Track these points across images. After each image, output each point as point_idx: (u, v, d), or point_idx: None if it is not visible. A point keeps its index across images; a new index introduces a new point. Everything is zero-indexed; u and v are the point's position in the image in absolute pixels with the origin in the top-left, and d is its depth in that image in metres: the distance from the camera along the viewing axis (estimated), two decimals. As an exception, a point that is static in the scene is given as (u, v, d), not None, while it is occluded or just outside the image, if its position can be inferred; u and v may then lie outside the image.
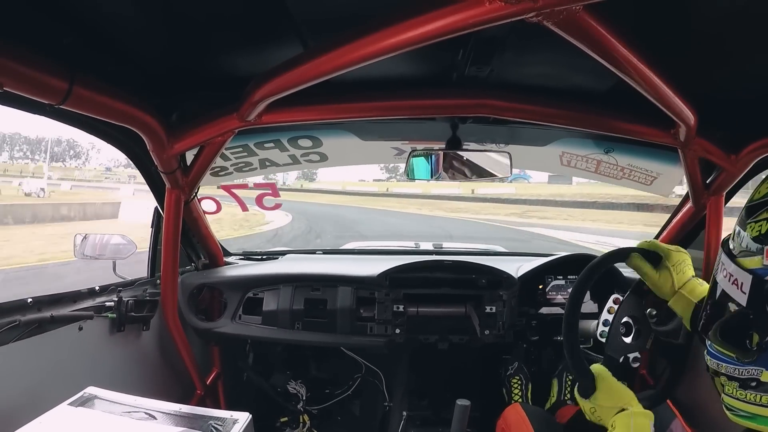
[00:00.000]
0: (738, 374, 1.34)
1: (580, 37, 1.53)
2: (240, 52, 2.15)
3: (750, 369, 1.30)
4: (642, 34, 1.67)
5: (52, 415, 1.98)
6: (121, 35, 1.94)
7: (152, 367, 3.31)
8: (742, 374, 1.33)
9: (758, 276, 1.29)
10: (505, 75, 2.31)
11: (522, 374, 3.91)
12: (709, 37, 1.78)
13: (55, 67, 1.72)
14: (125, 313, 2.89)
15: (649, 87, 1.89)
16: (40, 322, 2.35)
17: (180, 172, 2.81)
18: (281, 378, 4.21)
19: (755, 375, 1.29)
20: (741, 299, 1.34)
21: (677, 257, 2.21)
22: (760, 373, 1.27)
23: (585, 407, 2.14)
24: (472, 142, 3.16)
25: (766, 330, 1.27)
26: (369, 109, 2.51)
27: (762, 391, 1.28)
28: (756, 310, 1.30)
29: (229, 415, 2.12)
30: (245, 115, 2.37)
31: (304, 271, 3.80)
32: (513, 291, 3.67)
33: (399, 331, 3.55)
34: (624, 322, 2.39)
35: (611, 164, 3.55)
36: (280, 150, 3.37)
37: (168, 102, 2.52)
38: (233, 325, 3.65)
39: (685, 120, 2.27)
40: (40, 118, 2.56)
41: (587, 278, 2.27)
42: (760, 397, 1.29)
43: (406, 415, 3.92)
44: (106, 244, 3.21)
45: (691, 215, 3.32)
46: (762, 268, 1.29)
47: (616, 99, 2.39)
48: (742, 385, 1.34)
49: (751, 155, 2.67)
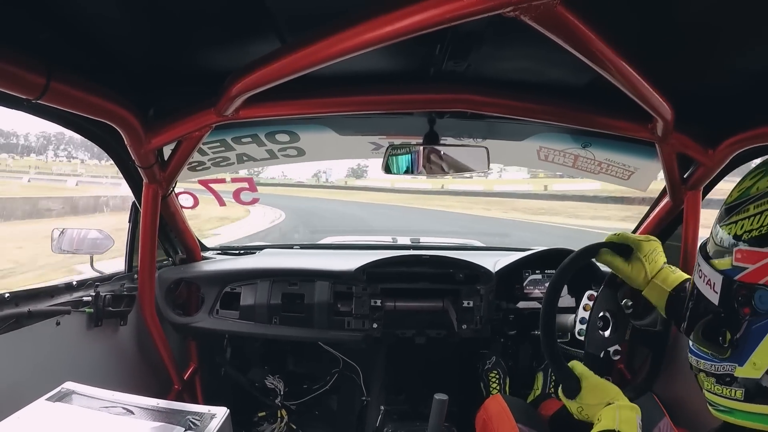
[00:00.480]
0: (714, 370, 1.38)
1: (557, 32, 1.53)
2: (218, 47, 2.14)
3: (725, 365, 1.34)
4: (619, 29, 1.68)
5: (30, 411, 1.98)
6: (98, 30, 1.93)
7: (130, 362, 3.30)
8: (718, 370, 1.37)
9: (728, 276, 1.33)
10: (482, 70, 2.32)
11: (500, 368, 3.92)
12: (687, 31, 1.80)
13: (32, 62, 1.71)
14: (102, 308, 2.88)
15: (626, 82, 1.90)
16: (18, 317, 2.34)
17: (157, 166, 2.80)
18: (259, 373, 4.20)
19: (729, 371, 1.32)
20: (714, 299, 1.38)
21: (648, 247, 2.24)
22: (733, 369, 1.31)
23: (572, 407, 2.15)
24: (450, 137, 3.17)
25: (736, 328, 1.31)
26: (346, 103, 2.51)
27: (736, 386, 1.31)
28: (727, 309, 1.34)
29: (207, 410, 2.13)
30: (222, 110, 2.37)
31: (281, 266, 3.80)
32: (490, 285, 3.68)
33: (376, 326, 3.56)
34: (601, 316, 2.41)
35: (589, 159, 3.57)
36: (257, 145, 3.37)
37: (145, 97, 2.51)
38: (210, 320, 3.64)
39: (662, 115, 2.29)
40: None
41: (559, 280, 2.29)
42: (735, 392, 1.32)
43: (383, 410, 3.92)
44: (84, 239, 3.20)
45: (669, 209, 3.34)
46: (731, 269, 1.33)
47: (594, 94, 2.40)
48: (718, 380, 1.37)
49: (728, 150, 2.69)
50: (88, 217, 30.36)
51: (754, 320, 1.27)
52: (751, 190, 1.34)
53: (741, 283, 1.30)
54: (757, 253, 1.26)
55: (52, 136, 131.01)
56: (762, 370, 1.25)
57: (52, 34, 1.80)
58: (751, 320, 1.27)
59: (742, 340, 1.29)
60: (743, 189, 1.37)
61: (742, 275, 1.30)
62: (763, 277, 1.25)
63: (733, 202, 1.38)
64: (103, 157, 21.92)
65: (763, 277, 1.25)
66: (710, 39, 1.84)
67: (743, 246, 1.31)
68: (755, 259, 1.27)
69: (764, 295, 1.23)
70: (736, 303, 1.31)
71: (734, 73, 2.15)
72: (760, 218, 1.27)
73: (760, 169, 1.36)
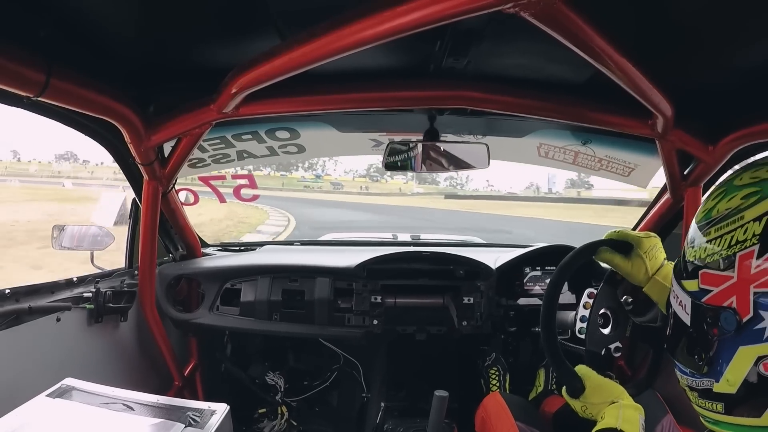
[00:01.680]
0: (696, 385, 1.40)
1: (557, 29, 1.53)
2: (217, 43, 2.14)
3: (704, 381, 1.36)
4: (619, 25, 1.68)
5: (30, 407, 1.98)
6: (98, 27, 1.93)
7: (130, 358, 3.30)
8: (698, 386, 1.39)
9: (696, 298, 1.35)
10: (482, 66, 2.32)
11: (500, 365, 3.93)
12: (686, 28, 1.80)
13: (32, 59, 1.72)
14: (103, 304, 2.88)
15: (626, 78, 1.90)
16: (18, 313, 2.35)
17: (158, 163, 2.81)
18: (259, 369, 4.21)
19: (708, 386, 1.34)
20: (686, 319, 1.40)
21: (648, 243, 2.23)
22: (711, 384, 1.33)
23: (576, 406, 2.14)
24: (450, 134, 3.18)
25: (708, 347, 1.33)
26: (347, 100, 2.52)
27: (716, 400, 1.34)
28: (697, 329, 1.36)
29: (207, 406, 2.13)
30: (223, 107, 2.38)
31: (281, 262, 3.81)
32: (491, 282, 3.68)
33: (377, 322, 3.56)
34: (601, 314, 2.41)
35: (589, 155, 3.57)
36: (257, 142, 3.38)
37: (145, 93, 2.51)
38: (211, 316, 3.65)
39: (662, 111, 2.29)
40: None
41: (560, 277, 2.29)
42: (716, 405, 1.34)
43: (384, 406, 3.93)
44: (84, 235, 3.21)
45: (669, 206, 3.34)
46: (698, 291, 1.35)
47: (594, 90, 2.40)
48: (701, 395, 1.40)
49: (728, 146, 2.68)
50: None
51: (722, 340, 1.28)
52: (712, 212, 1.35)
53: (706, 305, 1.32)
54: (719, 276, 1.28)
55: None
56: (736, 385, 1.27)
57: (51, 30, 1.80)
58: (720, 340, 1.29)
59: (714, 359, 1.31)
60: (706, 210, 1.38)
61: (708, 298, 1.31)
62: (726, 299, 1.26)
63: (698, 224, 1.40)
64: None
65: (726, 300, 1.26)
66: (710, 35, 1.84)
67: (706, 270, 1.33)
68: (718, 282, 1.28)
69: (729, 317, 1.25)
70: (705, 324, 1.33)
71: (734, 69, 2.15)
72: (721, 241, 1.28)
73: (721, 189, 1.36)
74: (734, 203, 1.28)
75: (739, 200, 1.27)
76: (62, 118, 2.47)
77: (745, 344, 1.24)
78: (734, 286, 1.25)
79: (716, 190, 1.38)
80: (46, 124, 4.41)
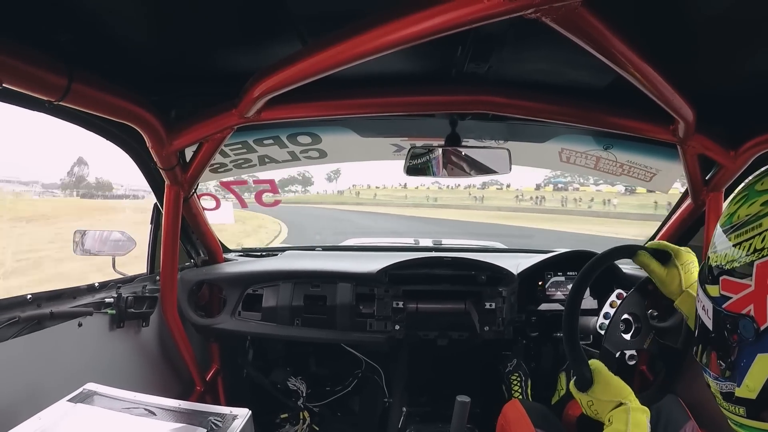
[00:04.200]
0: (720, 388, 1.40)
1: (578, 34, 1.53)
2: (238, 48, 2.15)
3: (727, 384, 1.35)
4: (640, 30, 1.67)
5: (52, 411, 1.98)
6: (119, 32, 1.94)
7: (152, 363, 3.31)
8: (722, 389, 1.38)
9: (718, 303, 1.34)
10: (503, 71, 2.32)
11: (521, 371, 3.91)
12: (708, 32, 1.78)
13: (54, 63, 1.73)
14: (125, 310, 2.89)
15: (647, 83, 1.89)
16: (40, 318, 2.35)
17: (179, 168, 2.82)
18: (281, 374, 4.20)
19: (731, 389, 1.34)
20: (708, 324, 1.40)
21: (687, 257, 2.21)
22: (733, 388, 1.33)
23: (582, 401, 2.14)
24: (471, 139, 3.18)
25: (729, 353, 1.32)
26: (368, 105, 2.51)
27: (739, 404, 1.33)
28: (718, 334, 1.35)
29: (229, 411, 2.13)
30: (244, 112, 2.38)
31: (303, 268, 3.80)
32: (512, 287, 3.66)
33: (398, 328, 3.55)
34: (624, 318, 2.39)
35: (611, 161, 3.56)
36: (279, 147, 3.39)
37: (167, 98, 2.52)
38: (233, 322, 3.65)
39: (683, 116, 2.28)
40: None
41: (592, 269, 2.26)
42: (738, 409, 1.34)
43: (405, 411, 3.92)
44: (106, 240, 3.21)
45: (691, 211, 3.32)
46: (719, 297, 1.34)
47: (615, 95, 2.39)
48: (724, 397, 1.39)
49: (750, 151, 2.67)
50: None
51: (742, 347, 1.27)
52: (733, 217, 1.33)
53: (726, 312, 1.31)
54: (738, 284, 1.27)
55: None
56: (755, 391, 1.26)
57: (72, 36, 1.81)
58: (739, 346, 1.28)
59: (735, 364, 1.30)
60: (727, 215, 1.37)
61: (728, 304, 1.31)
62: (745, 307, 1.25)
63: (722, 227, 1.39)
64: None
65: (745, 307, 1.25)
66: (731, 40, 1.83)
67: (726, 276, 1.32)
68: (737, 290, 1.27)
69: (747, 325, 1.24)
70: (726, 330, 1.32)
71: (756, 75, 2.13)
72: (740, 248, 1.27)
73: (743, 193, 1.35)
74: (754, 209, 1.27)
75: (759, 206, 1.26)
76: (83, 122, 2.48)
77: (763, 352, 1.23)
78: (752, 295, 1.24)
79: (738, 194, 1.37)
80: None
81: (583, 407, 2.14)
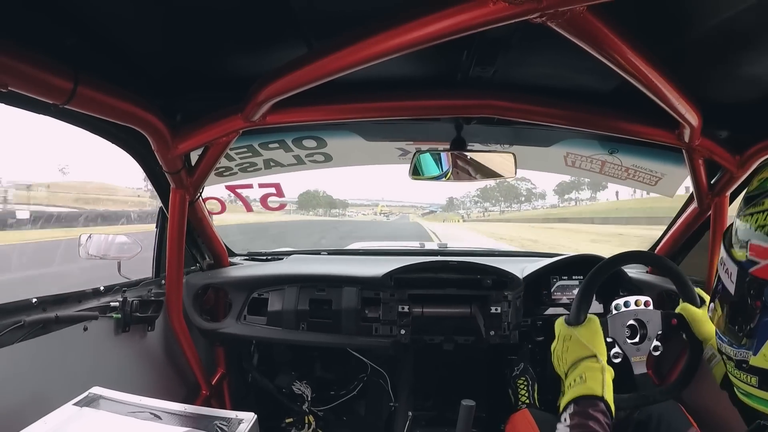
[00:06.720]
0: (734, 355, 1.41)
1: (584, 38, 1.53)
2: (244, 52, 2.15)
3: (742, 351, 1.37)
4: (646, 35, 1.67)
5: (57, 415, 1.98)
6: (124, 36, 1.95)
7: (157, 367, 3.31)
8: (736, 356, 1.40)
9: (743, 268, 1.34)
10: (509, 75, 2.32)
11: (528, 375, 3.90)
12: (714, 38, 1.78)
13: (60, 67, 1.73)
14: (130, 314, 2.89)
15: (653, 88, 1.89)
16: (45, 322, 2.35)
17: (185, 172, 2.82)
18: (286, 378, 4.21)
19: (745, 357, 1.35)
20: (731, 288, 1.39)
21: None
22: (748, 355, 1.33)
23: (559, 342, 2.26)
24: (477, 143, 3.17)
25: (750, 319, 1.32)
26: (373, 109, 2.52)
27: (751, 373, 1.34)
28: (740, 299, 1.35)
29: (235, 415, 2.12)
30: (250, 116, 2.38)
31: (309, 272, 3.80)
32: (518, 291, 3.66)
33: (404, 332, 3.55)
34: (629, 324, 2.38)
35: (616, 165, 3.56)
36: (284, 150, 3.39)
37: (172, 102, 2.53)
38: (238, 326, 3.66)
39: (689, 121, 2.28)
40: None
41: (624, 257, 2.33)
42: (750, 378, 1.35)
43: (411, 416, 3.91)
44: (111, 244, 3.20)
45: (695, 216, 3.33)
46: (746, 261, 1.34)
47: (621, 99, 2.40)
48: (736, 365, 1.40)
49: (755, 156, 2.67)
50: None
51: (765, 313, 1.27)
52: (767, 183, 1.33)
53: (753, 276, 1.30)
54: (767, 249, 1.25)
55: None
56: None
57: (78, 39, 1.82)
58: (762, 313, 1.28)
59: (755, 331, 1.30)
60: (762, 180, 1.38)
61: (755, 269, 1.30)
62: None
63: (752, 193, 1.39)
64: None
65: None
66: (738, 46, 1.83)
67: (755, 240, 1.31)
68: (766, 255, 1.26)
69: None
70: (749, 295, 1.32)
71: (762, 80, 2.13)
72: None
73: None
74: None
75: None
76: (89, 126, 2.49)
77: None
78: None
79: None
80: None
81: (556, 352, 2.24)
